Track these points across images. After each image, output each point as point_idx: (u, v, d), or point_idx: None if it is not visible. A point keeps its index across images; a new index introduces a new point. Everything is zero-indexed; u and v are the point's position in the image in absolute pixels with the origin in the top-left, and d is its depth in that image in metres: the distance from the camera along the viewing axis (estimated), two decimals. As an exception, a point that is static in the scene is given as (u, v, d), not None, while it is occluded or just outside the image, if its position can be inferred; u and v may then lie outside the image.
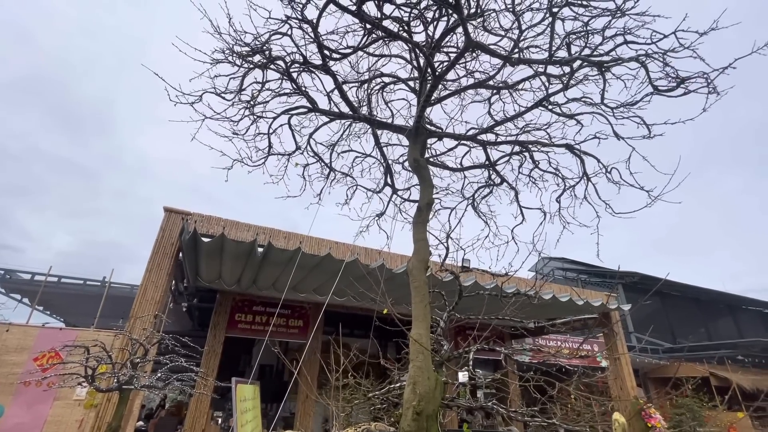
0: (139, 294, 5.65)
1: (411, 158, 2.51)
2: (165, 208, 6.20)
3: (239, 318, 9.72)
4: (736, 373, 14.60)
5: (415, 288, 2.10)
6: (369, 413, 2.58)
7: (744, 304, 24.43)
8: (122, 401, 3.56)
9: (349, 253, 7.57)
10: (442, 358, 1.97)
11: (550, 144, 2.75)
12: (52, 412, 7.51)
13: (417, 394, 1.73)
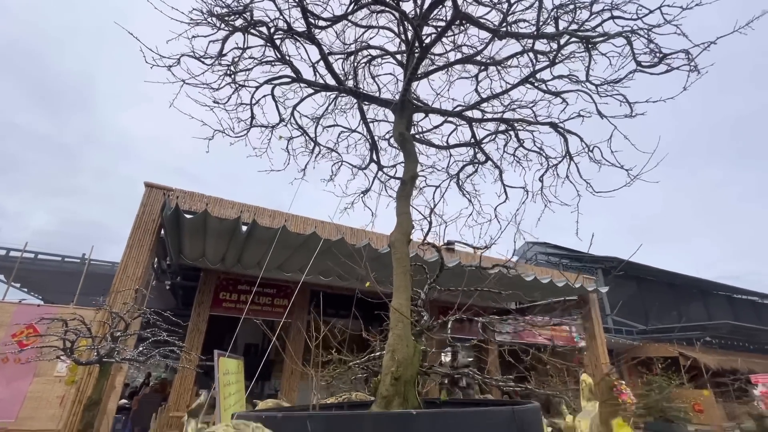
0: (120, 270, 5.56)
1: (396, 132, 2.50)
2: (146, 183, 6.05)
3: (224, 296, 9.69)
4: (704, 353, 15.36)
5: (397, 260, 2.12)
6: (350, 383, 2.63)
7: (715, 289, 25.53)
8: (103, 374, 3.55)
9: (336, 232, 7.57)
10: (422, 327, 2.01)
11: (535, 122, 2.76)
12: (31, 389, 7.43)
13: (395, 360, 1.77)
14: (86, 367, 5.03)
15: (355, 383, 2.62)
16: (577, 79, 2.41)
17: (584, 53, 2.25)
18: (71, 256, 9.22)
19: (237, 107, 2.82)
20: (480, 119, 2.95)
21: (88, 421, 3.35)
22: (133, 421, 8.49)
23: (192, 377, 8.56)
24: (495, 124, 3.07)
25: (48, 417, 7.37)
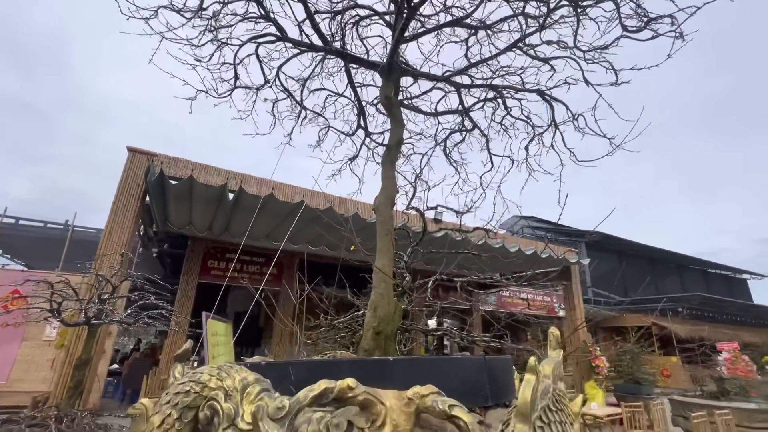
0: (105, 235, 5.51)
1: (383, 96, 2.47)
2: (129, 147, 5.90)
3: (212, 264, 9.72)
4: (675, 323, 16.17)
5: (381, 223, 2.15)
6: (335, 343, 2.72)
7: (691, 264, 26.53)
8: (91, 336, 3.60)
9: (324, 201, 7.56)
10: (404, 288, 2.08)
11: (523, 89, 2.75)
12: (21, 352, 7.49)
13: (377, 316, 1.84)
14: (75, 330, 5.09)
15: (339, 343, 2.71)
16: (566, 45, 2.39)
17: (573, 18, 2.23)
18: (54, 222, 9.07)
19: (220, 67, 2.74)
20: (468, 85, 2.92)
21: (78, 379, 3.43)
22: (124, 383, 8.69)
23: (182, 342, 8.69)
24: (483, 91, 3.06)
25: (39, 379, 7.48)
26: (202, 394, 1.00)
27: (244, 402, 0.99)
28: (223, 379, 1.03)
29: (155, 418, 0.99)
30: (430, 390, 1.11)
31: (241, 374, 1.04)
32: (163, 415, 0.98)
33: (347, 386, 1.05)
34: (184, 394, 1.01)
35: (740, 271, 28.44)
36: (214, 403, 0.98)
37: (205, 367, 1.07)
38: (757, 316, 20.26)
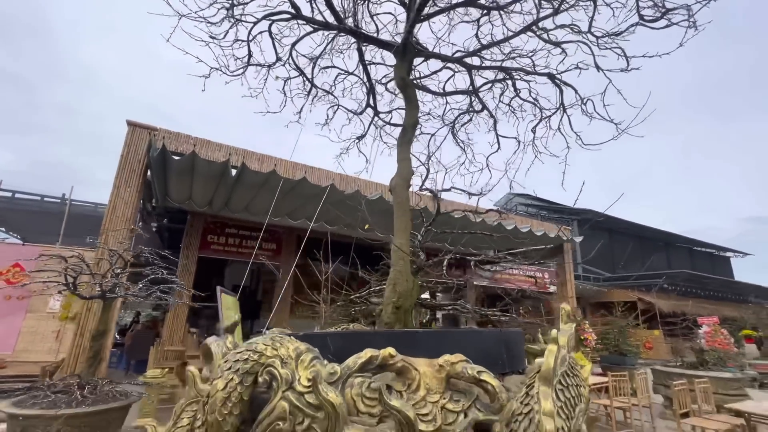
0: (109, 211, 5.52)
1: (398, 77, 2.50)
2: (128, 121, 5.81)
3: (212, 239, 9.78)
4: (660, 298, 16.81)
5: (398, 203, 2.24)
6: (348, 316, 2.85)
7: (677, 242, 27.24)
8: (106, 308, 3.71)
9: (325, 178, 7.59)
10: (419, 265, 2.19)
11: (534, 72, 2.79)
12: (25, 324, 7.62)
13: (396, 292, 1.96)
14: (85, 303, 5.19)
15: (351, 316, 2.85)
16: (579, 29, 2.43)
17: (589, 2, 2.26)
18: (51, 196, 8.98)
19: (232, 44, 2.72)
20: (480, 66, 2.95)
21: (96, 350, 3.56)
22: (128, 354, 8.93)
23: (184, 315, 8.89)
24: (493, 72, 3.08)
25: (45, 350, 7.66)
26: (259, 362, 1.12)
27: (299, 368, 1.10)
28: (277, 348, 1.14)
29: (219, 382, 1.10)
30: (459, 358, 1.24)
31: (293, 344, 1.16)
32: (226, 380, 1.09)
33: (389, 354, 1.17)
34: (243, 361, 1.12)
35: (724, 249, 29.31)
36: (272, 369, 1.10)
37: (259, 338, 1.18)
38: (737, 292, 21.10)
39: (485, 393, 1.21)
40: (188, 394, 1.53)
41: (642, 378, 6.77)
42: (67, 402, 3.02)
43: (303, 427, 1.02)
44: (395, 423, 1.02)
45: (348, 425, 1.01)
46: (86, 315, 5.22)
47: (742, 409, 4.72)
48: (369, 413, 1.10)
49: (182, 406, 1.51)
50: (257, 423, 1.07)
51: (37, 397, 3.20)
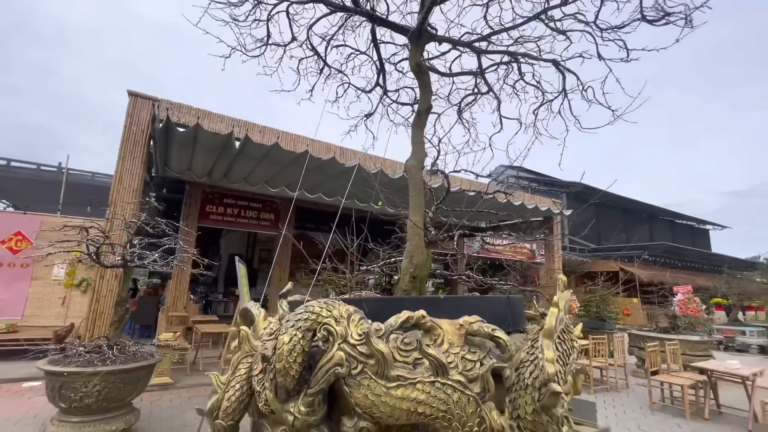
0: (115, 182, 5.61)
1: (413, 63, 2.63)
2: (129, 92, 5.78)
3: (210, 209, 9.90)
4: (640, 269, 17.65)
5: (413, 184, 2.46)
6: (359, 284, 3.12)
7: (660, 215, 28.13)
8: (126, 276, 3.92)
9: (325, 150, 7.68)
10: (430, 239, 2.44)
11: (540, 58, 2.94)
12: (32, 291, 7.84)
13: (413, 264, 2.22)
14: (99, 271, 5.39)
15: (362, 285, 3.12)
16: (585, 20, 2.57)
17: (596, -6, 2.40)
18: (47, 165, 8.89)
19: (251, 24, 2.80)
20: (488, 51, 3.08)
21: (120, 314, 3.81)
22: (133, 319, 9.28)
23: (187, 282, 9.16)
24: (500, 55, 3.22)
25: (53, 315, 7.93)
26: (317, 321, 1.37)
27: (351, 325, 1.36)
28: (330, 310, 1.39)
29: (284, 337, 1.35)
30: (476, 318, 1.51)
31: (343, 307, 1.41)
32: (290, 335, 1.34)
33: (421, 315, 1.43)
34: (303, 320, 1.37)
35: (704, 222, 30.39)
36: (328, 326, 1.35)
37: (314, 302, 1.42)
38: (713, 263, 22.19)
39: (497, 347, 1.49)
40: (243, 349, 1.80)
41: (619, 341, 7.35)
42: (102, 360, 3.29)
43: (357, 371, 1.29)
44: (431, 367, 1.29)
45: (393, 368, 1.28)
46: (99, 282, 5.43)
47: (704, 367, 5.27)
48: (404, 361, 1.37)
49: (239, 359, 1.78)
50: (318, 368, 1.33)
51: (70, 357, 3.47)
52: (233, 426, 1.67)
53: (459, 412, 1.21)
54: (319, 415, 1.37)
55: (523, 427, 1.30)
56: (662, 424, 4.77)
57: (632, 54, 2.53)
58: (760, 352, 11.06)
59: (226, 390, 1.70)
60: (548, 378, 1.25)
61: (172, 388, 5.45)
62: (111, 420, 3.44)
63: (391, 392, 1.25)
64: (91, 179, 9.30)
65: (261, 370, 1.61)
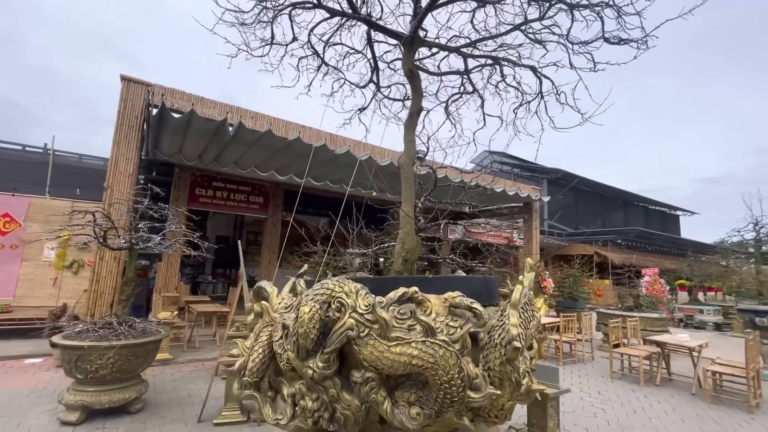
0: (111, 166, 5.72)
1: (406, 68, 2.91)
2: (122, 76, 5.82)
3: (200, 192, 10.01)
4: (613, 252, 18.62)
5: (405, 178, 2.78)
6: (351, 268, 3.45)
7: (635, 201, 29.32)
8: (132, 258, 4.15)
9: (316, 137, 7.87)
10: (419, 228, 2.79)
11: (520, 64, 3.25)
12: (23, 272, 7.94)
13: (405, 248, 2.57)
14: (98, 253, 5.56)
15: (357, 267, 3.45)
16: (560, 32, 2.89)
17: (568, 12, 2.71)
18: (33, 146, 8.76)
19: (255, 25, 3.00)
20: (474, 55, 3.37)
21: (128, 293, 4.06)
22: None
23: (178, 263, 9.34)
24: (484, 58, 3.52)
25: (46, 296, 8.07)
26: (331, 295, 1.70)
27: (359, 299, 1.70)
28: (342, 286, 1.72)
29: (305, 308, 1.68)
30: (458, 294, 1.88)
31: (352, 284, 1.74)
32: (309, 306, 1.67)
33: (414, 291, 1.79)
34: (320, 295, 1.70)
35: (675, 208, 31.84)
36: (340, 299, 1.68)
37: (327, 280, 1.76)
38: (680, 247, 23.50)
39: (474, 316, 1.87)
40: (263, 320, 2.13)
41: (587, 318, 7.98)
42: (116, 336, 3.57)
43: (365, 334, 1.64)
44: (422, 330, 1.65)
45: (393, 331, 1.64)
46: (99, 264, 5.61)
47: (659, 340, 5.89)
48: (400, 327, 1.73)
49: (260, 328, 2.11)
50: (333, 332, 1.67)
51: (83, 332, 3.73)
52: (257, 382, 2.01)
53: (444, 363, 1.58)
54: (333, 369, 1.72)
55: (493, 376, 1.69)
56: (619, 390, 5.39)
57: (598, 66, 2.87)
58: (715, 329, 12.06)
59: (250, 353, 2.03)
60: (512, 338, 1.63)
61: (173, 363, 5.77)
62: (124, 389, 3.75)
63: (392, 349, 1.61)
64: (78, 161, 9.20)
65: (281, 336, 1.95)
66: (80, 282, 8.16)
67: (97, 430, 3.51)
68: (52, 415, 3.75)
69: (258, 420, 3.77)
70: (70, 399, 3.59)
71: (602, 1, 2.48)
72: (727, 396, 5.10)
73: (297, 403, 1.89)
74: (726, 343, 9.47)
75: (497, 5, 3.21)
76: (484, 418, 1.79)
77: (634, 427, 4.08)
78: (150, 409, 4.01)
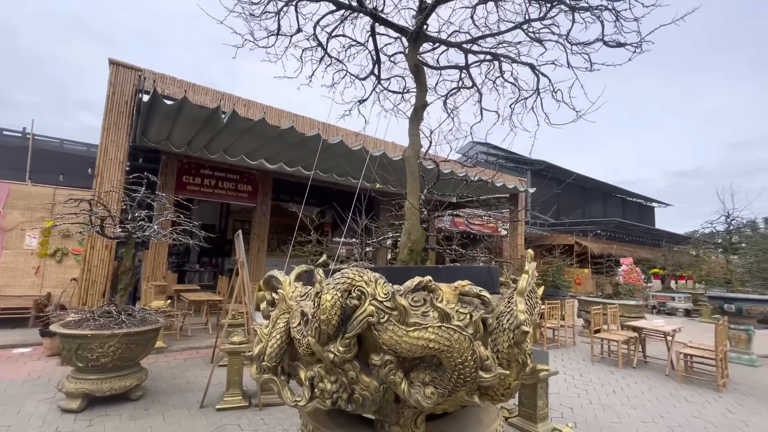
0: (101, 153, 5.59)
1: (411, 63, 2.97)
2: (111, 60, 5.64)
3: (187, 180, 9.86)
4: (592, 242, 19.27)
5: (410, 172, 2.88)
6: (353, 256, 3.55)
7: (613, 192, 30.25)
8: (129, 247, 4.13)
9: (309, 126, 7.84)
10: (422, 219, 2.90)
11: (519, 61, 3.36)
12: (3, 260, 7.73)
13: (411, 239, 2.68)
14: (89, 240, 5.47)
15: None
16: (559, 32, 3.00)
17: (569, 12, 2.82)
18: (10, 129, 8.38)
19: (261, 16, 3.00)
20: (474, 51, 3.46)
21: (126, 282, 4.06)
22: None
23: (165, 252, 9.23)
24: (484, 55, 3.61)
25: (28, 285, 7.90)
26: (352, 284, 1.80)
27: (377, 287, 1.80)
28: (362, 276, 1.82)
29: (327, 296, 1.78)
30: (467, 282, 2.00)
31: (371, 273, 1.84)
32: (331, 294, 1.77)
33: (428, 280, 1.90)
34: (341, 283, 1.80)
35: (650, 200, 33.02)
36: (361, 287, 1.79)
37: (347, 269, 1.85)
38: (655, 237, 24.48)
39: (482, 303, 2.00)
40: (280, 307, 2.21)
41: (570, 306, 8.34)
42: (118, 324, 3.59)
43: (384, 320, 1.75)
44: (438, 316, 1.78)
45: (411, 317, 1.76)
46: (90, 252, 5.52)
47: (636, 325, 6.24)
48: (415, 313, 1.85)
49: (277, 315, 2.20)
50: (354, 318, 1.78)
51: (82, 321, 3.73)
52: (275, 367, 2.10)
53: (458, 346, 1.71)
54: (353, 353, 1.83)
55: (501, 357, 1.84)
56: (599, 372, 5.72)
57: (594, 66, 3.01)
58: (685, 315, 12.77)
59: (268, 339, 2.12)
60: (521, 323, 1.78)
61: (167, 351, 5.78)
62: (124, 377, 3.78)
63: (410, 334, 1.73)
64: (60, 146, 8.87)
65: (299, 322, 2.04)
66: (64, 271, 8.00)
67: (100, 417, 3.55)
68: (51, 404, 3.75)
69: (260, 405, 3.87)
70: (70, 387, 3.60)
71: (601, 5, 2.60)
72: (697, 376, 5.49)
73: (316, 385, 1.99)
74: (695, 328, 10.08)
75: (498, 2, 3.29)
76: (491, 396, 1.94)
77: (614, 406, 4.38)
78: (150, 396, 4.05)
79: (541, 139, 3.98)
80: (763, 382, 5.57)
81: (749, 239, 10.61)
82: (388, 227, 3.23)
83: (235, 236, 4.03)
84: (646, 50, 2.61)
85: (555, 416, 3.98)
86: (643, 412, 4.22)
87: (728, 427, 3.92)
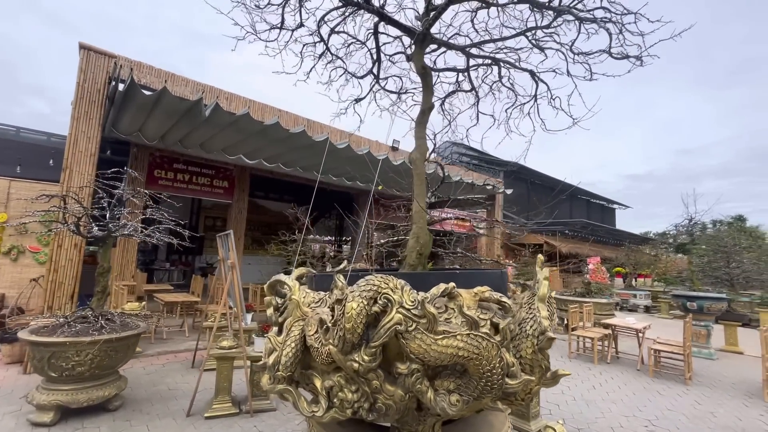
0: (70, 144, 5.17)
1: (418, 65, 2.94)
2: (81, 44, 5.22)
3: (159, 174, 9.39)
4: (561, 242, 20.08)
5: (417, 174, 2.85)
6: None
7: (578, 194, 31.65)
8: (107, 247, 3.86)
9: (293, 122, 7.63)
10: (427, 222, 2.89)
11: (519, 67, 3.41)
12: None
13: (419, 243, 2.66)
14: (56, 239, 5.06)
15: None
16: (561, 42, 3.07)
17: (574, 23, 2.89)
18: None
19: (264, 8, 2.87)
20: (475, 55, 3.48)
21: (103, 285, 3.79)
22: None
23: (134, 250, 8.75)
24: (484, 59, 3.64)
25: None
26: (378, 291, 1.76)
27: (404, 294, 1.77)
28: (387, 283, 1.78)
29: (353, 304, 1.72)
30: (486, 288, 2.01)
31: (396, 280, 1.81)
32: (357, 302, 1.72)
33: (452, 286, 1.89)
34: (367, 291, 1.75)
35: (612, 201, 34.85)
36: (387, 295, 1.74)
37: (372, 277, 1.80)
38: (617, 237, 25.86)
39: (501, 309, 2.01)
40: (294, 314, 2.13)
41: (546, 304, 8.62)
42: (97, 330, 3.34)
43: (412, 328, 1.72)
44: (466, 323, 1.77)
45: (439, 324, 1.74)
46: (57, 252, 5.12)
47: (610, 323, 6.55)
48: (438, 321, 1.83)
49: (291, 322, 2.11)
50: (381, 327, 1.73)
51: (56, 327, 3.45)
52: (290, 376, 2.02)
53: (486, 354, 1.71)
54: (378, 362, 1.79)
55: (524, 363, 1.86)
56: (578, 368, 5.96)
57: (594, 76, 3.10)
58: (645, 311, 13.58)
59: (283, 348, 2.03)
60: (545, 329, 1.80)
61: (142, 356, 5.47)
62: (102, 386, 3.53)
63: (438, 342, 1.71)
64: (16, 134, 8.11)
65: (315, 330, 1.97)
66: (21, 270, 7.39)
67: (76, 430, 3.30)
68: (19, 417, 3.45)
69: (251, 411, 3.74)
70: (42, 399, 3.32)
71: (605, 17, 2.68)
72: (666, 371, 5.84)
73: (335, 395, 1.93)
74: (655, 323, 10.74)
75: (501, 8, 3.32)
76: (512, 401, 1.96)
77: (596, 401, 4.57)
78: (130, 406, 3.81)
79: (510, 143, 4.04)
80: (722, 374, 6.01)
81: (709, 241, 11.41)
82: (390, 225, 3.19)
83: (224, 235, 3.86)
84: (648, 63, 2.71)
85: (544, 413, 4.11)
86: (622, 407, 4.44)
87: (699, 418, 4.19)
